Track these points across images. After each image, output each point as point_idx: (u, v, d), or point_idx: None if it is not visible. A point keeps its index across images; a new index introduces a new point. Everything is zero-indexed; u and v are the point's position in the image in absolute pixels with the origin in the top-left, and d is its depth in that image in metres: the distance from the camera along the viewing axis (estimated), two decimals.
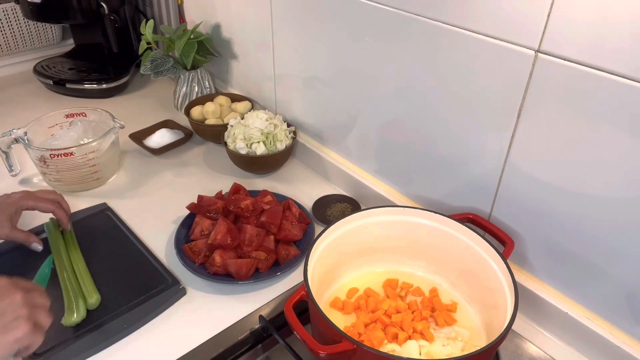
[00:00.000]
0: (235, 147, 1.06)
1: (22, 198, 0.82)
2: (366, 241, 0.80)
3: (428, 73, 0.78)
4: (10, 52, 1.50)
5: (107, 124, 1.07)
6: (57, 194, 0.88)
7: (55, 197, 0.87)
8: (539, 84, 0.65)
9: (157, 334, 0.76)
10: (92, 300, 0.76)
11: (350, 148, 1.03)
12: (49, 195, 0.86)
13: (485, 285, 0.72)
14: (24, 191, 0.84)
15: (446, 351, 0.69)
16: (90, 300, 0.76)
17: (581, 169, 0.64)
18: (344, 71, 0.94)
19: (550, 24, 0.60)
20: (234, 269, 0.81)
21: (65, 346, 0.72)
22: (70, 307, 0.75)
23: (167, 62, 1.23)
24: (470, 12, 0.68)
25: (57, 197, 0.87)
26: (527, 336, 0.76)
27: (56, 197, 0.87)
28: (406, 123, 0.86)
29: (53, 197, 0.86)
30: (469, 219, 0.78)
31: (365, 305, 0.76)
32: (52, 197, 0.86)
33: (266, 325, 0.76)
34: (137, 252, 0.88)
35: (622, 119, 0.58)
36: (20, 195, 0.82)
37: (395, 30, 0.80)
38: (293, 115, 1.14)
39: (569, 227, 0.69)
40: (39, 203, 0.83)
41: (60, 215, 0.85)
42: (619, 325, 0.69)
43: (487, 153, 0.75)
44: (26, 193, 0.83)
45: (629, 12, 0.54)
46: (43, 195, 0.85)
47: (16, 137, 0.99)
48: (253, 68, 1.22)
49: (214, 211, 0.90)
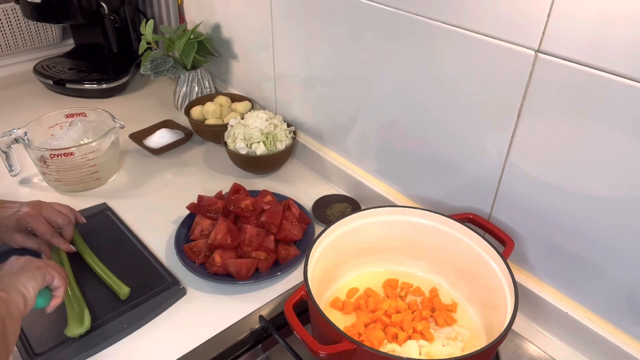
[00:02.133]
0: (235, 147, 1.06)
1: (27, 215, 0.82)
2: (366, 241, 0.80)
3: (428, 73, 0.78)
4: (10, 52, 1.50)
5: (107, 124, 1.07)
6: (68, 214, 0.86)
7: (62, 222, 0.85)
8: (539, 84, 0.65)
9: (157, 334, 0.76)
10: (123, 292, 0.79)
11: (350, 148, 1.03)
12: (57, 217, 0.84)
13: (485, 285, 0.72)
14: (35, 203, 0.83)
15: (446, 351, 0.69)
16: (121, 291, 0.79)
17: (581, 169, 0.64)
18: (344, 71, 0.94)
19: (550, 24, 0.60)
20: (234, 269, 0.81)
21: (65, 346, 0.72)
22: (74, 318, 0.74)
23: (167, 62, 1.23)
24: (470, 12, 0.68)
25: (63, 223, 0.85)
26: (527, 336, 0.76)
27: (63, 222, 0.85)
28: (406, 123, 0.86)
29: (60, 221, 0.84)
30: (469, 219, 0.78)
31: (365, 305, 0.76)
32: (59, 221, 0.84)
33: (266, 325, 0.76)
34: (137, 252, 0.88)
35: (622, 119, 0.58)
36: (28, 211, 0.82)
37: (395, 30, 0.80)
38: (293, 115, 1.14)
39: (569, 227, 0.69)
40: (39, 227, 0.82)
41: (55, 243, 0.83)
42: (619, 325, 0.69)
43: (487, 153, 0.75)
44: (34, 210, 0.82)
45: (629, 12, 0.54)
46: (50, 216, 0.84)
47: (16, 137, 0.99)
48: (253, 68, 1.22)
49: (214, 211, 0.90)
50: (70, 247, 0.85)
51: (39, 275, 0.65)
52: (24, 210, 0.82)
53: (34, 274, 0.65)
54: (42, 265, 0.67)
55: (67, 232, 0.85)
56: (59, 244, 0.83)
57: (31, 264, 0.66)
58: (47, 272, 0.66)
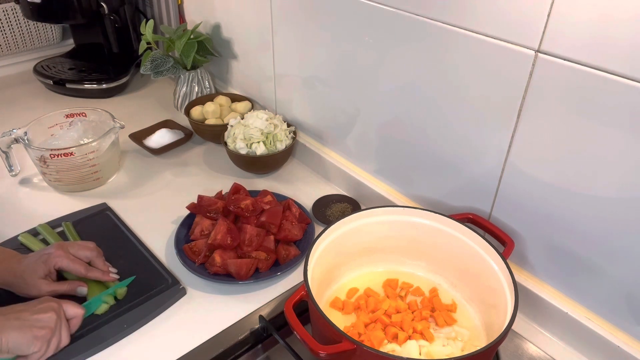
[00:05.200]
0: (235, 147, 1.06)
1: (55, 256, 0.76)
2: (366, 241, 0.80)
3: (428, 73, 0.78)
4: (10, 52, 1.50)
5: (107, 124, 1.07)
6: (92, 251, 0.81)
7: (89, 256, 0.80)
8: (539, 83, 0.65)
9: (157, 334, 0.76)
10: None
11: (350, 148, 1.03)
12: (83, 252, 0.80)
13: (485, 285, 0.72)
14: (57, 247, 0.78)
15: (446, 351, 0.69)
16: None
17: (581, 168, 0.64)
18: (344, 71, 0.94)
19: (550, 24, 0.60)
20: (234, 269, 0.81)
21: (65, 346, 0.71)
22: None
23: (167, 62, 1.23)
24: (470, 12, 0.68)
25: (90, 257, 0.81)
26: (527, 336, 0.76)
27: (90, 256, 0.80)
28: (406, 123, 0.86)
29: (85, 257, 0.80)
30: (469, 219, 0.78)
31: (365, 305, 0.76)
32: (85, 257, 0.80)
33: (266, 325, 0.76)
34: (137, 252, 0.88)
35: (622, 119, 0.58)
36: (54, 252, 0.77)
37: (395, 30, 0.80)
38: (293, 115, 1.14)
39: (569, 227, 0.69)
40: (72, 265, 0.77)
41: (96, 274, 0.79)
42: (619, 325, 0.69)
43: (487, 153, 0.75)
44: (60, 250, 0.78)
45: (629, 12, 0.54)
46: (76, 252, 0.79)
47: (16, 137, 0.99)
48: (253, 68, 1.22)
49: (214, 211, 0.90)
50: (113, 276, 0.81)
51: (31, 342, 0.63)
52: (49, 252, 0.77)
53: (28, 337, 0.63)
54: (47, 333, 0.65)
55: (99, 263, 0.81)
56: (97, 277, 0.79)
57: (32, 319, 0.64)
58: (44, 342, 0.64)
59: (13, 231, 0.90)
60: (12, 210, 1.00)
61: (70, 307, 0.70)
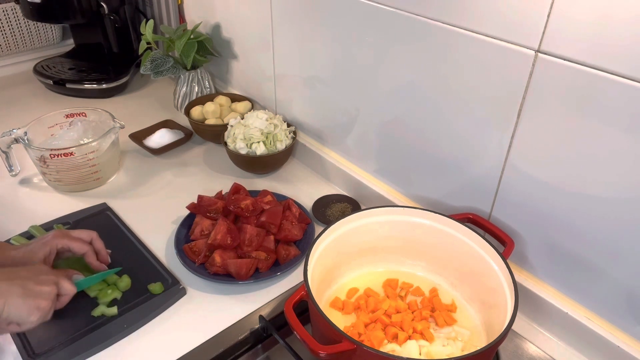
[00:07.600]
0: (235, 147, 1.06)
1: (55, 237, 0.78)
2: (366, 241, 0.80)
3: (428, 73, 0.78)
4: (10, 52, 1.50)
5: (107, 124, 1.07)
6: (92, 232, 0.82)
7: (90, 235, 0.82)
8: (539, 83, 0.65)
9: (157, 334, 0.76)
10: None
11: (350, 148, 1.03)
12: (83, 234, 0.81)
13: (485, 285, 0.72)
14: (57, 230, 0.80)
15: (446, 351, 0.69)
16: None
17: (581, 168, 0.64)
18: (344, 71, 0.94)
19: (550, 24, 0.60)
20: (234, 269, 0.81)
21: (65, 346, 0.72)
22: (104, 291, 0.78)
23: (167, 62, 1.23)
24: (470, 12, 0.68)
25: (91, 236, 0.82)
26: (527, 336, 0.76)
27: (90, 235, 0.82)
28: (406, 123, 0.86)
29: (87, 236, 0.81)
30: (469, 219, 0.78)
31: (365, 305, 0.76)
32: (86, 236, 0.81)
33: (266, 325, 0.76)
34: (137, 252, 0.88)
35: (622, 119, 0.58)
36: (53, 234, 0.78)
37: (395, 30, 0.80)
38: (293, 115, 1.14)
39: (569, 227, 0.69)
40: (73, 243, 0.78)
41: (91, 259, 0.80)
42: (619, 325, 0.69)
43: (487, 153, 0.75)
44: (59, 232, 0.79)
45: (629, 12, 0.54)
46: (77, 234, 0.81)
47: (16, 137, 0.99)
48: (253, 68, 1.22)
49: (214, 211, 0.90)
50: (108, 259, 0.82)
51: (32, 312, 0.63)
52: (47, 238, 0.78)
53: (31, 306, 0.63)
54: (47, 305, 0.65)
55: (98, 244, 0.82)
56: (92, 261, 0.80)
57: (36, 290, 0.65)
58: (44, 313, 0.65)
59: (13, 231, 0.90)
60: (12, 210, 1.00)
61: (67, 284, 0.70)
